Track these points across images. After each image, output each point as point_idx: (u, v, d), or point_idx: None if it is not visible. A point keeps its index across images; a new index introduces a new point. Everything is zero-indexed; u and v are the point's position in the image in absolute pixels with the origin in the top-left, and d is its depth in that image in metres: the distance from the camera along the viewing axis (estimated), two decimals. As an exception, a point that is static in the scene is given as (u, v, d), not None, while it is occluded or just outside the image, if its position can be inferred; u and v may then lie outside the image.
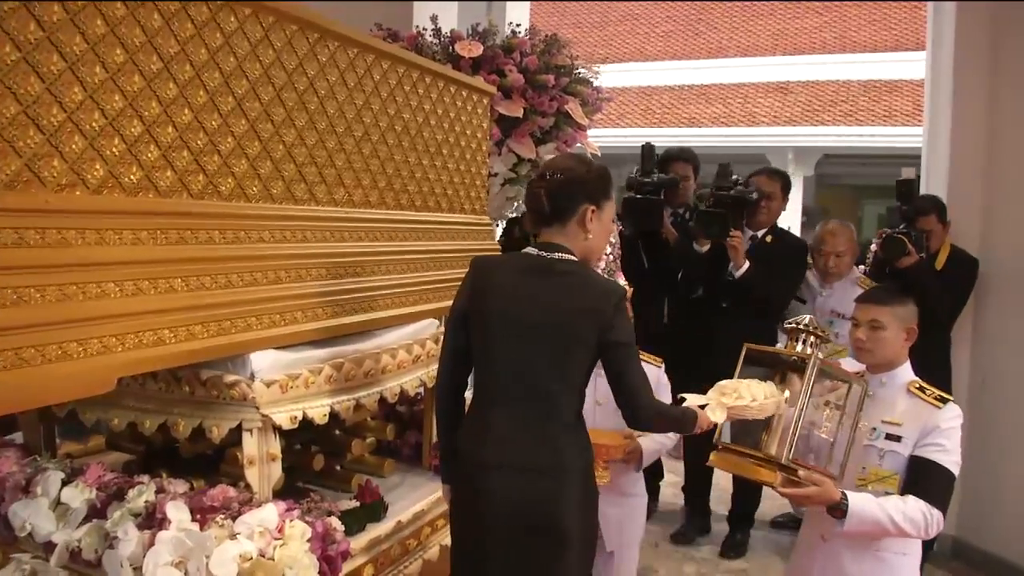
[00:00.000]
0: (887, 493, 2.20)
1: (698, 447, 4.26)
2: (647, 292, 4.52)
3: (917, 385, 2.32)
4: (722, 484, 4.26)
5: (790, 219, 13.11)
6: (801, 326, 2.29)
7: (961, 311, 4.01)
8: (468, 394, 2.19)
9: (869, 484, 2.25)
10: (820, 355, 2.23)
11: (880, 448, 2.27)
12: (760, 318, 3.91)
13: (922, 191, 4.21)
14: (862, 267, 4.19)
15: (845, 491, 2.15)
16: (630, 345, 1.99)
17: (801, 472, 2.13)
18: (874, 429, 2.29)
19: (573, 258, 2.02)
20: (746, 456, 2.24)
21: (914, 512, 2.12)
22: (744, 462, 2.23)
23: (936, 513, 2.13)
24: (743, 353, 2.39)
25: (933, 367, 2.64)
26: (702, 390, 3.15)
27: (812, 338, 2.27)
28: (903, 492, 2.19)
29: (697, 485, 4.37)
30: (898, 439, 2.25)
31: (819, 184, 15.02)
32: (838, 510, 2.13)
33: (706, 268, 3.98)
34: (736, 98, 14.71)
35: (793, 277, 3.98)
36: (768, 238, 4.03)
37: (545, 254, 2.01)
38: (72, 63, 1.56)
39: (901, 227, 3.80)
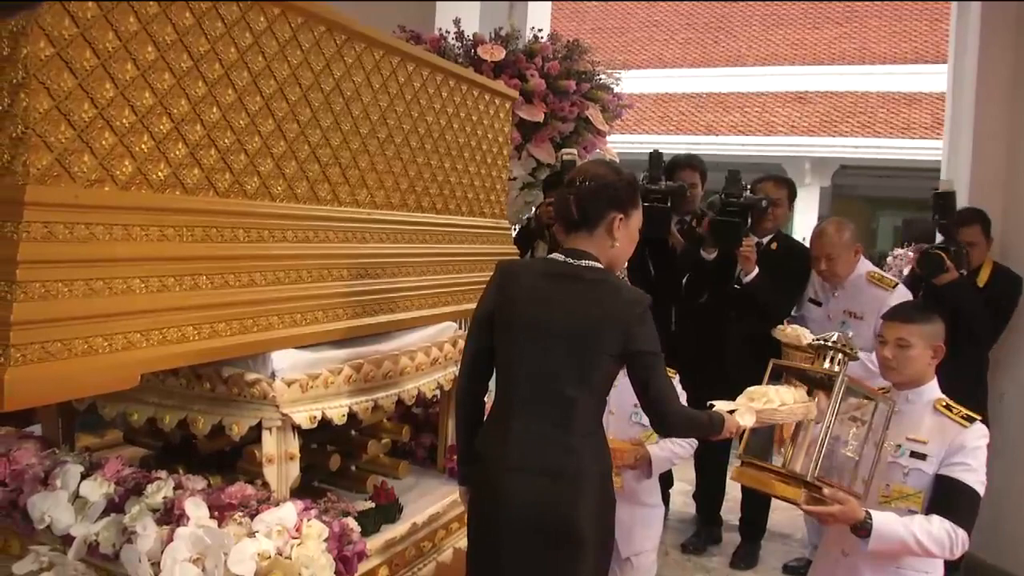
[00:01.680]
0: (910, 511, 2.18)
1: (711, 455, 4.26)
2: (654, 299, 4.52)
3: (944, 403, 2.29)
4: (734, 494, 4.24)
5: (806, 230, 13.08)
6: (829, 343, 2.27)
7: (1003, 331, 3.89)
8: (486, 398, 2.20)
9: (892, 502, 2.23)
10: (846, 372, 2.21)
11: (904, 466, 2.25)
12: (765, 324, 3.89)
13: (939, 205, 4.17)
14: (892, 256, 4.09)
15: (869, 510, 2.13)
16: (656, 353, 2.00)
17: (826, 490, 2.11)
18: (899, 446, 2.27)
19: (599, 265, 2.02)
20: (769, 472, 2.22)
21: (939, 532, 2.10)
22: (767, 478, 2.21)
23: (961, 533, 2.11)
24: (769, 368, 2.37)
25: (965, 385, 2.59)
26: (715, 395, 3.14)
27: (839, 355, 2.25)
28: (928, 511, 2.17)
29: (709, 494, 4.36)
30: (923, 457, 2.23)
31: (835, 195, 14.96)
32: (862, 529, 2.11)
33: (712, 275, 3.97)
34: (754, 107, 14.67)
35: (795, 285, 3.94)
36: (773, 245, 4.02)
37: (571, 261, 2.01)
38: (104, 60, 1.57)
39: (939, 242, 3.68)
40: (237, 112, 1.90)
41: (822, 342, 2.28)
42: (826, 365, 2.26)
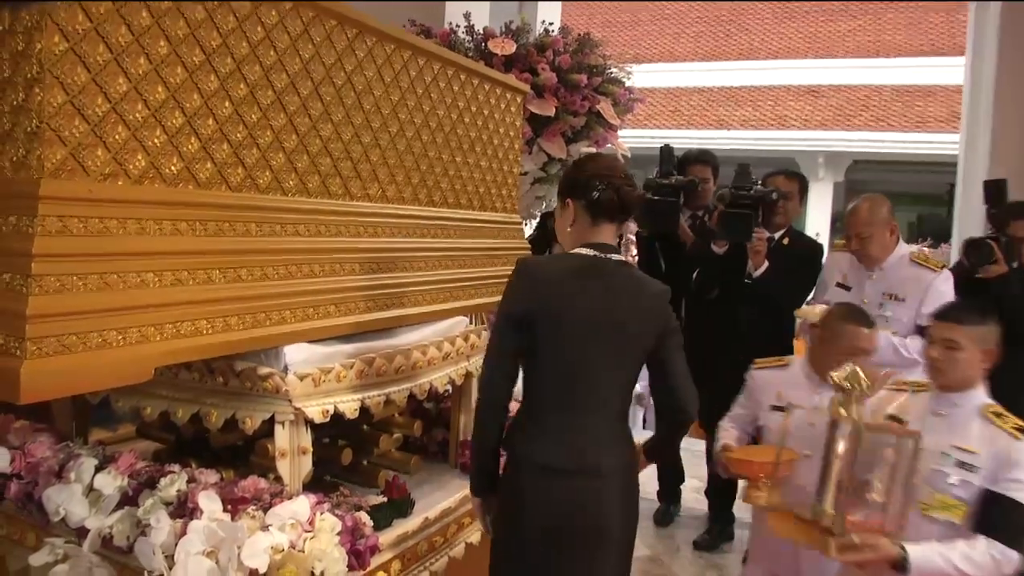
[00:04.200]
0: (951, 523, 2.09)
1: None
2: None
3: (993, 410, 2.17)
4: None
5: (819, 225, 13.05)
6: (842, 381, 2.12)
7: None
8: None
9: (932, 510, 2.13)
10: (863, 413, 2.11)
11: (949, 474, 2.12)
12: (775, 318, 3.88)
13: (957, 199, 4.14)
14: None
15: (905, 545, 2.02)
16: (679, 334, 2.08)
17: (854, 537, 2.03)
18: (944, 454, 2.14)
19: (624, 259, 2.06)
20: (802, 521, 2.15)
21: (982, 557, 2.00)
22: (800, 527, 2.14)
23: (1012, 554, 2.00)
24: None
25: (1009, 389, 2.39)
26: (723, 381, 3.15)
27: (855, 392, 2.10)
28: (974, 529, 2.06)
29: (721, 490, 4.34)
30: (972, 468, 2.10)
31: (849, 190, 14.90)
32: (899, 567, 2.02)
33: (722, 270, 3.96)
34: (766, 101, 14.64)
35: (804, 280, 3.90)
36: (785, 240, 3.99)
37: (600, 255, 2.03)
38: (117, 54, 1.59)
39: (989, 232, 3.55)
40: (249, 107, 1.91)
41: (836, 380, 2.13)
42: (843, 411, 2.11)
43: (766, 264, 3.79)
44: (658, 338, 2.03)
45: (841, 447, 2.10)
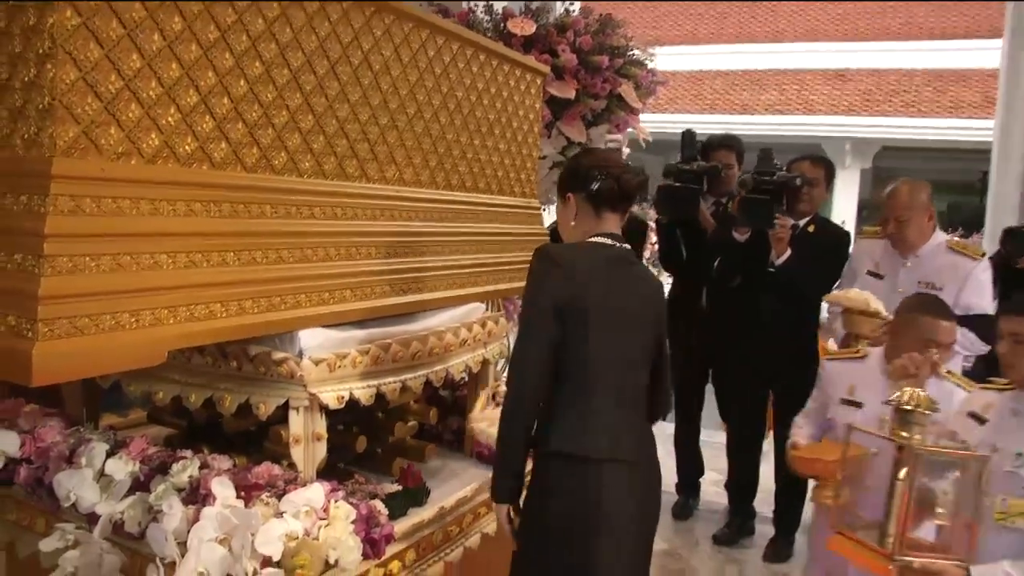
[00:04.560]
0: None
1: (743, 444, 4.26)
2: (685, 282, 4.52)
3: None
4: (767, 484, 4.23)
5: (846, 213, 12.96)
6: (906, 405, 2.06)
7: None
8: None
9: (1011, 518, 2.07)
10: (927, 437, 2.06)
11: None
12: (798, 308, 3.86)
13: (991, 188, 4.10)
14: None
15: (971, 568, 1.97)
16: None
17: (916, 564, 2.00)
18: (1019, 454, 2.09)
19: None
20: (863, 545, 2.13)
21: None
22: (861, 551, 2.12)
23: None
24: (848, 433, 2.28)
25: None
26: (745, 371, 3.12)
27: (917, 415, 2.05)
28: None
29: (742, 484, 4.34)
30: None
31: (876, 178, 14.78)
32: None
33: (744, 257, 3.93)
34: (792, 85, 14.52)
35: (830, 269, 3.86)
36: (811, 227, 3.95)
37: (618, 244, 2.10)
38: (130, 30, 1.59)
39: None
40: (264, 85, 1.90)
41: (897, 404, 2.08)
42: (904, 434, 2.06)
43: (789, 252, 3.77)
44: (659, 328, 2.16)
45: (903, 471, 2.06)
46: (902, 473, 2.05)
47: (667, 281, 5.69)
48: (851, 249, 3.83)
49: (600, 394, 2.03)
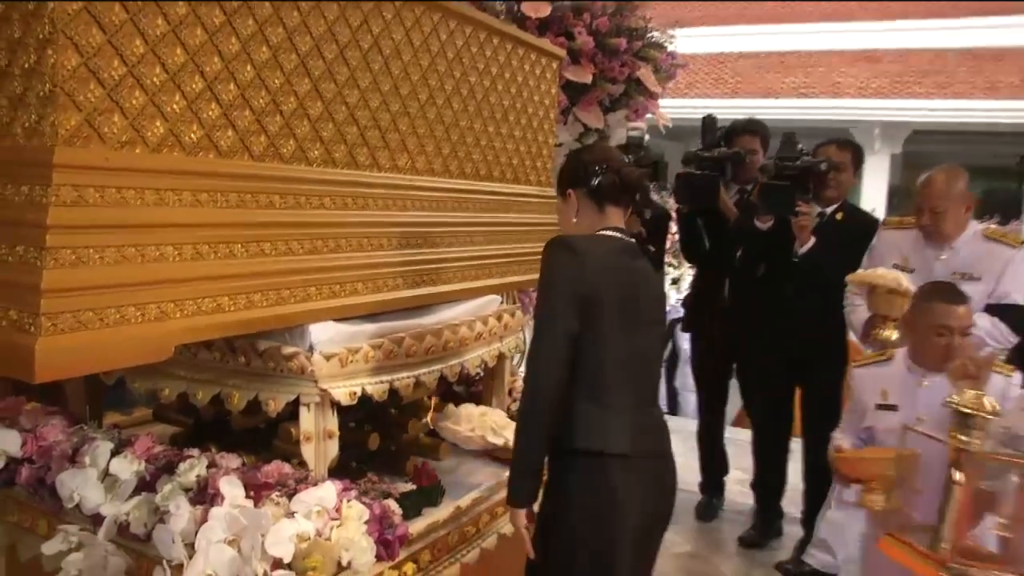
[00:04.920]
0: None
1: (770, 441, 4.23)
2: (707, 273, 4.50)
3: None
4: (795, 483, 4.20)
5: (875, 200, 12.87)
6: (963, 406, 2.03)
7: None
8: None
9: None
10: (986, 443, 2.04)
11: None
12: (824, 297, 3.82)
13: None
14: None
15: None
16: None
17: (973, 572, 1.98)
18: None
19: None
20: (914, 549, 2.12)
21: None
22: (912, 554, 2.11)
23: None
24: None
25: None
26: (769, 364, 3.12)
27: (977, 419, 2.02)
28: None
29: (769, 482, 4.31)
30: None
31: (907, 163, 14.67)
32: None
33: (767, 246, 3.91)
34: (818, 67, 14.40)
35: (858, 259, 3.81)
36: (838, 215, 3.90)
37: (626, 238, 2.13)
38: (133, 14, 1.59)
39: None
40: (272, 70, 1.91)
41: (955, 406, 2.05)
42: (963, 438, 2.04)
43: (813, 240, 3.73)
44: (664, 327, 2.29)
45: (960, 477, 2.04)
46: (958, 475, 2.04)
47: (689, 273, 5.67)
48: (874, 240, 3.77)
49: (619, 389, 2.03)
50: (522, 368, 4.51)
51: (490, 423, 2.63)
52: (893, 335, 3.04)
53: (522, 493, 2.03)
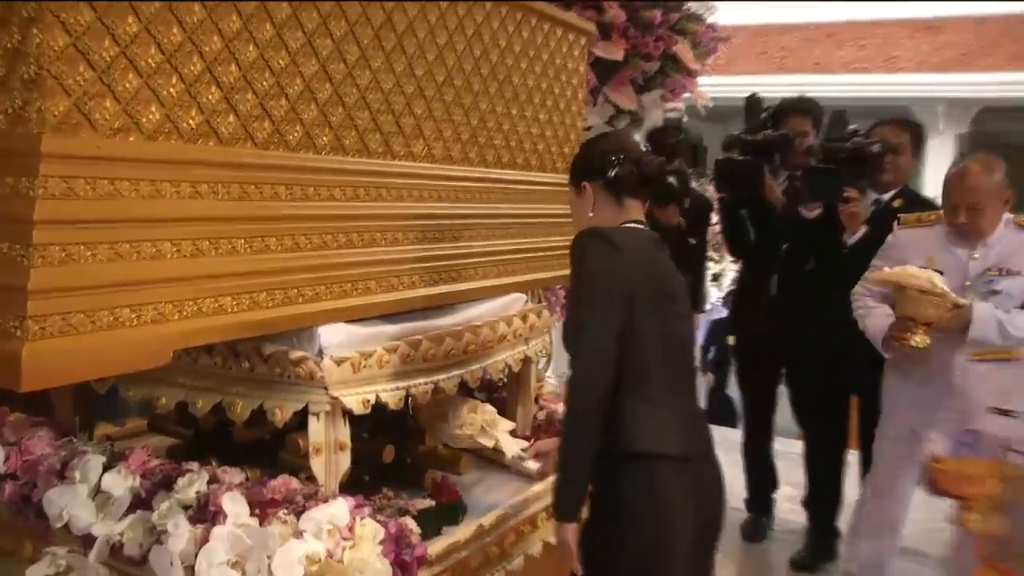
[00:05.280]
0: None
1: (824, 453, 4.19)
2: (753, 267, 4.46)
3: None
4: (852, 499, 4.16)
5: (940, 186, 12.75)
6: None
7: None
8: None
9: None
10: None
11: None
12: None
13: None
14: None
15: None
16: None
17: None
18: None
19: None
20: None
21: None
22: None
23: None
24: None
25: None
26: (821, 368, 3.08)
27: None
28: None
29: (823, 500, 4.28)
30: None
31: (974, 143, 14.49)
32: None
33: (814, 237, 3.87)
34: (873, 39, 14.28)
35: None
36: (896, 202, 3.84)
37: (648, 230, 2.19)
38: (126, -10, 1.59)
39: None
40: (276, 50, 1.91)
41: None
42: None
43: (864, 230, 3.69)
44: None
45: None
46: None
47: (732, 268, 5.61)
48: (888, 240, 3.66)
49: (662, 384, 2.06)
50: (548, 372, 4.52)
51: (480, 421, 2.58)
52: (925, 341, 2.98)
53: (571, 505, 2.02)
